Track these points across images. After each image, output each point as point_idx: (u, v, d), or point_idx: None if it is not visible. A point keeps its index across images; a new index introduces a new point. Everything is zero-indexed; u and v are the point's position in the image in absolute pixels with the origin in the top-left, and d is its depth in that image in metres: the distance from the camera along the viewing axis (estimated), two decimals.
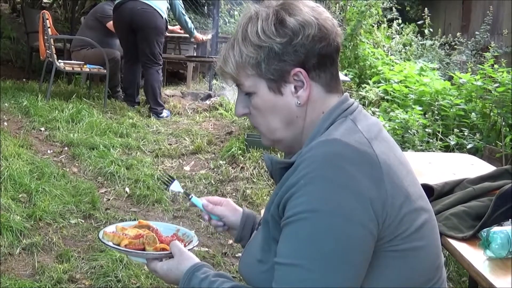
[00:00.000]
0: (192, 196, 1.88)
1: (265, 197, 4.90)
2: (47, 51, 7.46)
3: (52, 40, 7.35)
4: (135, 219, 4.40)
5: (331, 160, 1.38)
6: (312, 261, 1.34)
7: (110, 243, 1.72)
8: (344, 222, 1.35)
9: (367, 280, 1.41)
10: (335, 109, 1.53)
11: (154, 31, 7.01)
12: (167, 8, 7.18)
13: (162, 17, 7.02)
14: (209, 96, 8.07)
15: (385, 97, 6.71)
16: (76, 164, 5.39)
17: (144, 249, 1.69)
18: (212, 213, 1.90)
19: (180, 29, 8.35)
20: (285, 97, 1.53)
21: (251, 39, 1.51)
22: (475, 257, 1.95)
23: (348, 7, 8.57)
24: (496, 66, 6.25)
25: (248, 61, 1.52)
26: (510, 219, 2.12)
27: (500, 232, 1.91)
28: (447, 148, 5.39)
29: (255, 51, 1.51)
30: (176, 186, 1.95)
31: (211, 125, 6.77)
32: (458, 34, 9.41)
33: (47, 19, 7.39)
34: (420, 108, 5.97)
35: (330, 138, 1.43)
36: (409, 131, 5.55)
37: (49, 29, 7.35)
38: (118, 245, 1.71)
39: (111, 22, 7.51)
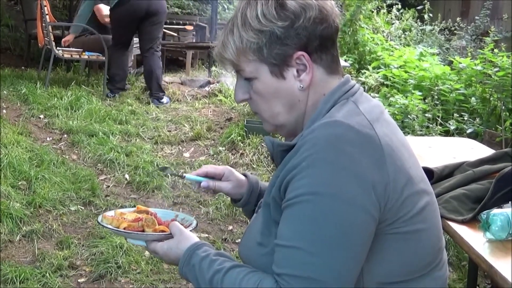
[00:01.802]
0: (185, 175, 1.83)
1: (265, 183, 4.88)
2: (46, 38, 7.43)
3: (50, 28, 7.33)
4: (134, 206, 4.40)
5: (333, 142, 1.37)
6: (313, 244, 1.34)
7: (110, 226, 1.70)
8: (346, 206, 1.34)
9: (370, 263, 1.41)
10: (336, 91, 1.52)
11: (164, 15, 7.31)
12: None
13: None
14: (208, 83, 8.05)
15: (385, 83, 6.69)
16: (76, 151, 5.38)
17: (143, 232, 1.68)
18: (217, 191, 1.87)
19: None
20: (287, 81, 1.51)
21: (251, 24, 1.49)
22: (475, 239, 1.94)
23: None
24: (496, 50, 6.23)
25: (249, 46, 1.50)
26: (510, 202, 2.11)
27: (500, 214, 1.90)
28: (447, 133, 5.38)
29: (256, 36, 1.48)
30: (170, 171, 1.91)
31: (210, 112, 6.76)
32: (458, 19, 9.35)
33: (45, 6, 7.35)
34: (420, 93, 5.96)
35: (332, 120, 1.41)
36: (409, 116, 5.54)
37: (47, 16, 7.31)
38: (117, 228, 1.69)
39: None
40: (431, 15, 9.28)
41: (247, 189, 1.87)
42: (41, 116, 6.08)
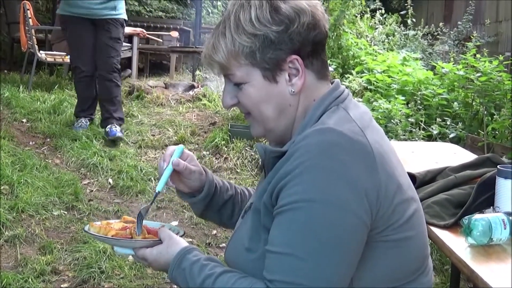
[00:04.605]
0: (157, 191, 1.73)
1: (248, 187, 4.88)
2: (29, 42, 7.40)
3: (33, 31, 7.30)
4: (118, 210, 4.41)
5: (326, 149, 1.37)
6: (305, 251, 1.34)
7: (98, 234, 1.67)
8: (339, 212, 1.35)
9: (360, 270, 1.41)
10: (327, 97, 1.52)
11: None
12: None
13: None
14: (192, 87, 8.04)
15: (368, 87, 6.71)
16: (59, 156, 5.35)
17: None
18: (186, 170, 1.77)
19: None
20: (279, 85, 1.51)
21: (244, 28, 1.47)
22: (457, 244, 1.96)
23: None
24: (478, 55, 6.27)
25: (242, 50, 1.48)
26: (491, 207, 2.13)
27: (482, 219, 1.92)
28: (429, 138, 5.41)
29: (249, 39, 1.47)
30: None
31: (194, 116, 6.75)
32: (440, 24, 9.43)
33: (28, 9, 7.32)
34: (403, 98, 5.99)
35: (324, 127, 1.41)
36: (392, 120, 5.56)
37: (30, 20, 7.29)
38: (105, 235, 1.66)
39: None
40: (414, 20, 9.33)
41: (208, 181, 1.80)
42: (24, 120, 6.04)
